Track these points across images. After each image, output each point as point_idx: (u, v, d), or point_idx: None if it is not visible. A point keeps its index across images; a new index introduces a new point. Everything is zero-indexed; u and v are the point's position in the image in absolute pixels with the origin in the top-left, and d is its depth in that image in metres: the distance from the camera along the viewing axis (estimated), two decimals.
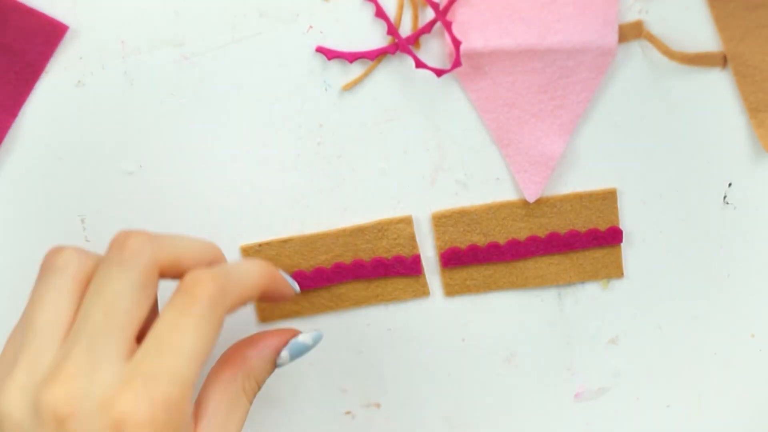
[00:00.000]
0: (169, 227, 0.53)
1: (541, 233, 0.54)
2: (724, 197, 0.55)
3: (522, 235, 0.55)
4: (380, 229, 0.54)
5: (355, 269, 0.54)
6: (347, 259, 0.54)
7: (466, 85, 0.52)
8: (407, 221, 0.54)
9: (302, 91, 0.52)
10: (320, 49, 0.52)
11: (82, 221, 0.53)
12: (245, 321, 0.55)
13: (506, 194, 0.54)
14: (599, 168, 0.54)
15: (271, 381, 0.56)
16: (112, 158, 0.53)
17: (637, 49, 0.53)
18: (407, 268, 0.54)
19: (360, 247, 0.54)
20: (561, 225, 0.54)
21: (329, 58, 0.52)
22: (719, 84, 0.53)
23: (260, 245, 0.54)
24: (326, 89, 0.52)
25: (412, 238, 0.54)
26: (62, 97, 0.51)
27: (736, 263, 0.56)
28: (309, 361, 0.56)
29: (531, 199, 0.54)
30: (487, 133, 0.53)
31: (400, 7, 0.51)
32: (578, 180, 0.54)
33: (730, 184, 0.55)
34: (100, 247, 0.54)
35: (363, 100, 0.52)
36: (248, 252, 0.54)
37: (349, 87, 0.52)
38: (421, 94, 0.53)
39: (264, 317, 0.55)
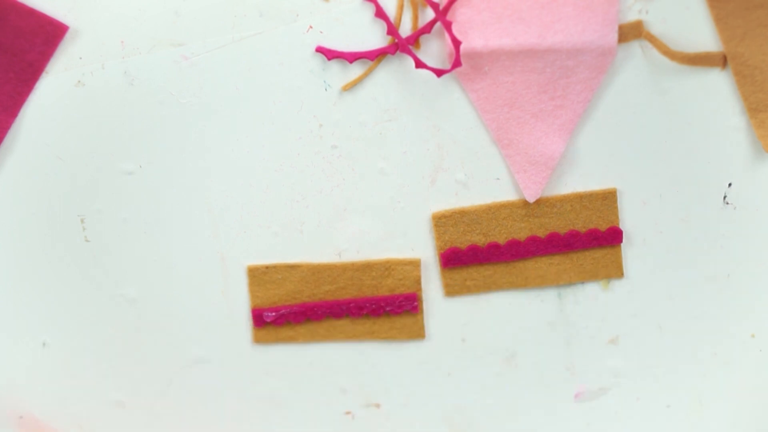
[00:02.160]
0: (169, 227, 0.53)
1: (541, 233, 0.54)
2: (724, 197, 0.55)
3: (522, 235, 0.54)
4: (387, 267, 0.54)
5: (355, 307, 0.54)
6: (351, 292, 0.54)
7: (466, 85, 0.52)
8: (415, 264, 0.54)
9: (302, 91, 0.52)
10: (320, 49, 0.52)
11: (82, 221, 0.53)
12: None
13: (506, 194, 0.54)
14: (599, 168, 0.54)
15: (271, 381, 0.56)
16: (112, 158, 0.53)
17: (637, 49, 0.53)
18: (405, 304, 0.55)
19: (365, 283, 0.54)
20: (561, 225, 0.54)
21: (329, 58, 0.52)
22: (719, 84, 0.53)
23: (267, 267, 0.54)
24: (326, 89, 0.52)
25: (418, 281, 0.54)
26: (62, 97, 0.51)
27: (736, 263, 0.56)
28: (309, 361, 0.56)
29: (531, 199, 0.54)
30: (487, 133, 0.53)
31: (400, 7, 0.51)
32: (578, 180, 0.54)
33: (730, 184, 0.55)
34: (100, 247, 0.54)
35: (363, 100, 0.52)
36: (255, 273, 0.54)
37: (349, 87, 0.52)
38: (421, 94, 0.53)
39: (259, 338, 0.55)
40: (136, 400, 0.56)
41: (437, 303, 0.56)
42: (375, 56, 0.52)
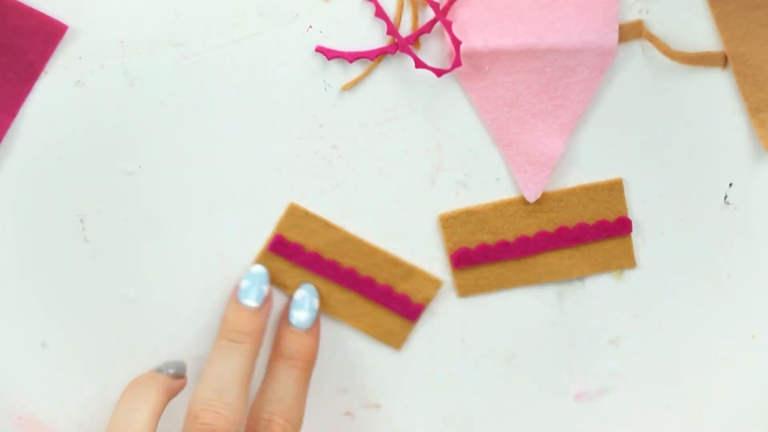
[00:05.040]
0: (169, 227, 0.53)
1: (550, 228, 0.54)
2: (725, 197, 0.55)
3: (531, 231, 0.54)
4: (410, 272, 0.54)
5: (362, 285, 0.54)
6: (362, 272, 0.54)
7: (466, 85, 0.52)
8: (436, 284, 0.54)
9: (302, 91, 0.52)
10: (320, 49, 0.51)
11: (82, 221, 0.53)
12: None
13: (506, 194, 0.54)
14: (599, 168, 0.54)
15: None
16: (112, 158, 0.53)
17: (637, 49, 0.53)
18: (407, 311, 0.55)
19: (384, 275, 0.54)
20: (569, 218, 0.54)
21: (329, 58, 0.52)
22: (720, 84, 0.53)
23: (307, 214, 0.53)
24: (326, 89, 0.52)
25: (429, 299, 0.55)
26: (62, 97, 0.51)
27: (736, 263, 0.56)
28: None
29: (531, 199, 0.54)
30: (487, 133, 0.53)
31: (400, 7, 0.51)
32: (578, 180, 0.54)
33: (730, 184, 0.55)
34: (100, 247, 0.54)
35: (363, 100, 0.52)
36: (294, 212, 0.53)
37: (349, 87, 0.52)
38: (421, 94, 0.52)
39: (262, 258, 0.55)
40: None
41: (437, 303, 0.56)
42: (375, 56, 0.52)
